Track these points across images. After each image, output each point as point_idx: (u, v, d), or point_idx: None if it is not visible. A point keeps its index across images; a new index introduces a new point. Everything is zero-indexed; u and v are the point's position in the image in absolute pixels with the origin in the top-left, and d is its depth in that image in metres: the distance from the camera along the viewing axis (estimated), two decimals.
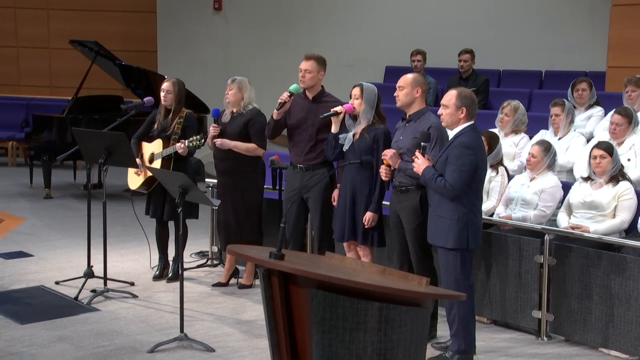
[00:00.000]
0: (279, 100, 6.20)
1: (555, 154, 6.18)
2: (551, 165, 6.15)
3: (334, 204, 6.14)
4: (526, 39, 11.22)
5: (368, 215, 5.79)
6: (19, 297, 6.47)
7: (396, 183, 5.56)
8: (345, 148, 5.87)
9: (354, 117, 5.87)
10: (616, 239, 5.65)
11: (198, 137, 6.47)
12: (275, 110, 6.24)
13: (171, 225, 6.95)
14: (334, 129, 5.93)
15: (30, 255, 7.71)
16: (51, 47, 14.18)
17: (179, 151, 6.52)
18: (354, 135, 5.84)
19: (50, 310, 6.15)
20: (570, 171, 6.80)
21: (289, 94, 6.21)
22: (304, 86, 6.26)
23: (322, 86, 6.34)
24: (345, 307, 3.52)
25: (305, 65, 6.24)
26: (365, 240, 5.85)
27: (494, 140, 6.38)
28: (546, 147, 6.17)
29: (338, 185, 6.10)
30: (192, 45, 13.40)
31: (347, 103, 5.90)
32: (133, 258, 7.66)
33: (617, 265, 5.40)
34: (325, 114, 5.94)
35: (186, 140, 6.50)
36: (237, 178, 6.61)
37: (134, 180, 6.93)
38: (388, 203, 5.76)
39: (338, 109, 5.90)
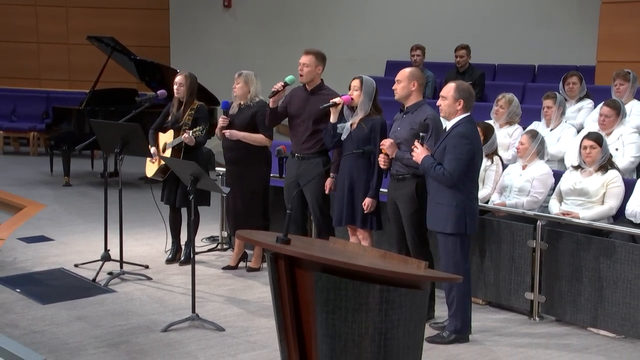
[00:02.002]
0: (272, 89, 6.16)
1: (543, 142, 6.16)
2: (540, 152, 6.13)
3: (327, 192, 6.12)
4: (520, 35, 11.18)
5: (367, 201, 5.77)
6: (40, 279, 6.48)
7: (393, 172, 5.54)
8: (343, 137, 5.85)
9: (352, 108, 5.85)
10: (605, 225, 5.63)
11: (200, 127, 6.46)
12: (270, 99, 6.22)
13: (184, 211, 6.95)
14: (332, 118, 5.91)
15: (51, 240, 7.72)
16: (70, 43, 14.15)
17: (185, 141, 6.51)
18: (351, 125, 5.82)
19: (70, 292, 6.16)
20: (561, 161, 6.79)
21: (283, 84, 6.18)
22: (302, 80, 6.22)
23: (321, 80, 6.30)
24: (348, 289, 3.51)
25: (304, 59, 6.20)
26: (365, 224, 5.84)
27: (489, 131, 6.36)
28: (533, 134, 6.16)
29: (332, 174, 6.08)
30: (203, 41, 13.37)
31: (345, 95, 5.88)
32: (147, 242, 7.66)
33: (605, 249, 5.38)
34: (325, 105, 5.92)
35: (190, 131, 6.48)
36: (244, 167, 6.59)
37: (151, 168, 6.93)
38: (385, 190, 5.74)
39: (337, 100, 5.89)
